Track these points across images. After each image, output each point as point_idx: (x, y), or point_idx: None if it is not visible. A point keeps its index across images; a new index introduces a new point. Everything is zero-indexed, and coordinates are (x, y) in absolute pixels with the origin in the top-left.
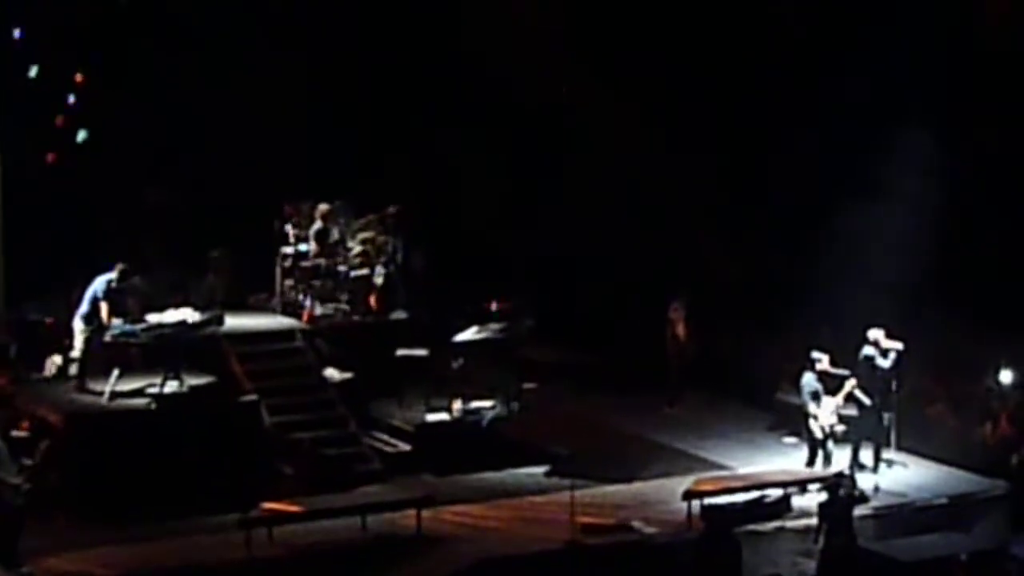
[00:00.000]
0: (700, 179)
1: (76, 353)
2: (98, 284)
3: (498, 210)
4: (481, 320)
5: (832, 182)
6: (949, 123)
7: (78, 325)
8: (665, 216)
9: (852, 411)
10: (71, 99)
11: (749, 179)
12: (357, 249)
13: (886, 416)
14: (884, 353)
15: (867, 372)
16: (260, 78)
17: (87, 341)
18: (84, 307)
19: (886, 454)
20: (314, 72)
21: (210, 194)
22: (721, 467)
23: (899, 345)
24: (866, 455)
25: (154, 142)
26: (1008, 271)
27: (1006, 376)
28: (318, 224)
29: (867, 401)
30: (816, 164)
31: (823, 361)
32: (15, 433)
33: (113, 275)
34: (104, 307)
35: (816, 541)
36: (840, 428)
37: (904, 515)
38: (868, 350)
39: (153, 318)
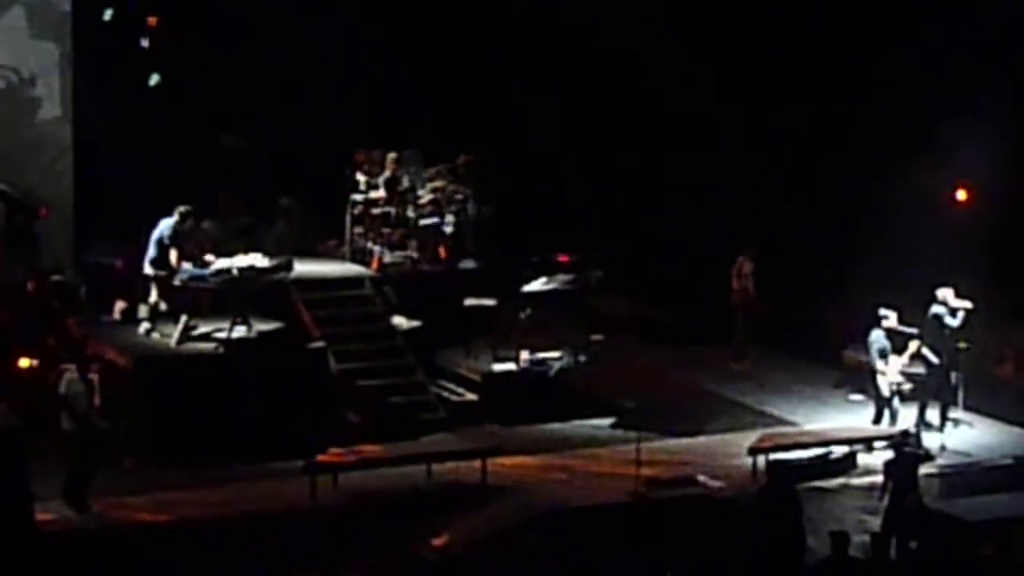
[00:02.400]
0: (773, 136)
1: (151, 298)
2: (164, 227)
3: (570, 161)
4: (550, 271)
5: (906, 143)
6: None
7: (148, 269)
8: (737, 171)
9: (919, 369)
10: (144, 42)
11: (821, 137)
12: (427, 198)
13: (953, 375)
14: (953, 312)
15: (935, 331)
16: (334, 25)
17: (159, 285)
18: (151, 251)
19: (953, 413)
20: (388, 20)
21: (282, 140)
22: (787, 423)
23: (968, 304)
24: (933, 414)
25: (228, 88)
26: None
27: None
28: (388, 172)
29: (935, 360)
30: (890, 125)
31: (891, 318)
32: (92, 376)
33: (175, 218)
34: (173, 251)
35: (881, 499)
36: (907, 386)
37: (970, 475)
38: (937, 308)
39: (222, 263)
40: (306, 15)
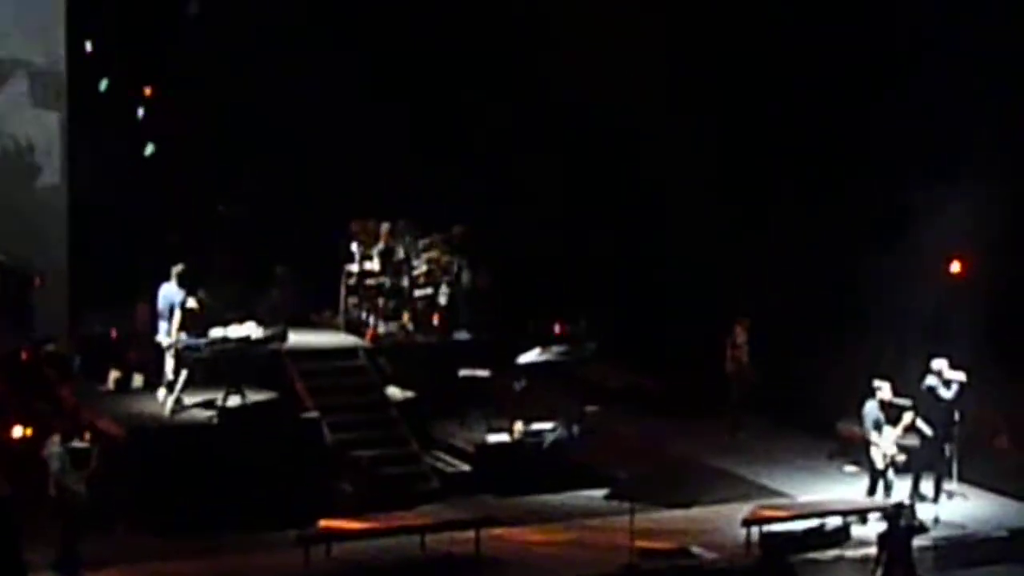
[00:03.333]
0: (768, 207)
1: (169, 368)
2: (174, 294)
3: (564, 232)
4: (544, 342)
5: (900, 213)
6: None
7: (164, 339)
8: (732, 242)
9: (913, 441)
10: (140, 112)
11: (815, 209)
12: (422, 268)
13: (948, 447)
14: (947, 383)
15: (929, 402)
16: (330, 95)
17: (176, 354)
18: (166, 320)
19: (947, 485)
20: (385, 90)
21: (277, 210)
22: (781, 494)
23: (962, 376)
24: (927, 486)
25: (223, 157)
26: None
27: None
28: (383, 242)
29: (929, 431)
30: (884, 196)
31: (885, 390)
32: (77, 444)
33: (174, 280)
34: (177, 316)
35: (875, 571)
36: (901, 458)
37: (964, 547)
38: (931, 380)
39: (217, 332)
40: (302, 85)
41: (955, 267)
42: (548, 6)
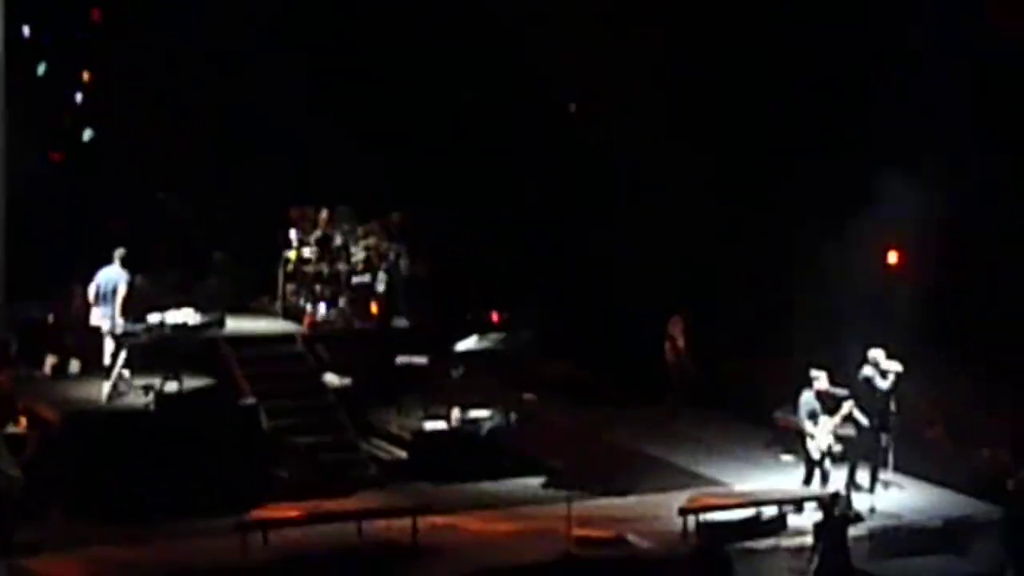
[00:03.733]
0: (703, 197)
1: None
2: (119, 277)
3: (503, 220)
4: (482, 330)
5: (839, 204)
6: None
7: (105, 323)
8: (669, 232)
9: (850, 431)
10: (78, 98)
11: (754, 200)
12: (360, 255)
13: (884, 437)
14: (883, 374)
15: (866, 392)
16: (267, 83)
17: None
18: (110, 304)
19: (883, 475)
20: (323, 78)
21: (216, 197)
22: (717, 483)
23: (898, 366)
24: (863, 475)
25: (162, 144)
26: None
27: None
28: (321, 229)
29: (865, 421)
30: (823, 186)
31: (822, 380)
32: (12, 429)
33: (117, 264)
34: (121, 297)
35: (811, 560)
36: (838, 448)
37: (899, 537)
38: (867, 370)
39: (155, 318)
40: (241, 71)
41: (892, 257)
42: None
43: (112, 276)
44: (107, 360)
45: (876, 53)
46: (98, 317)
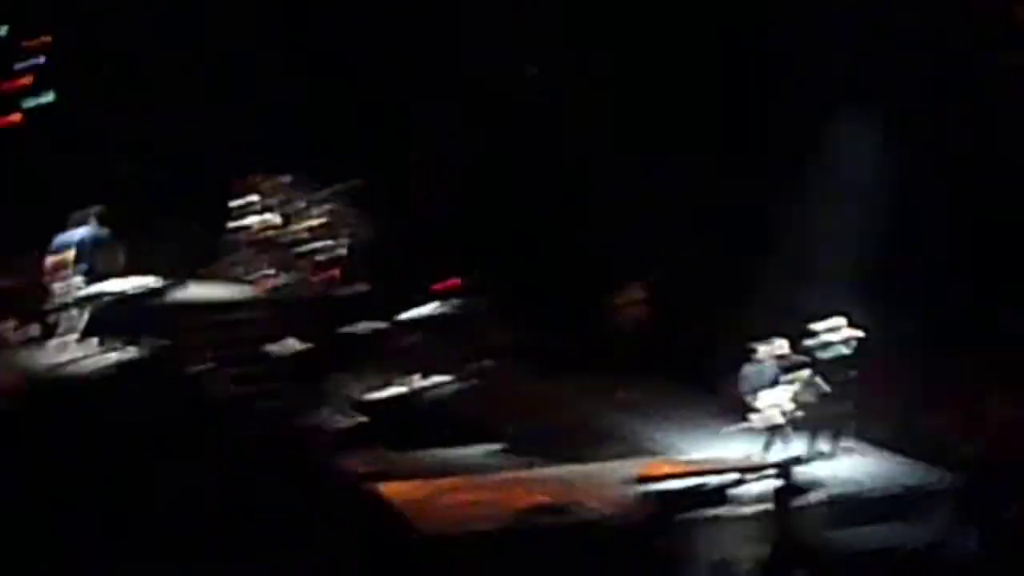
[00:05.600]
0: (664, 162)
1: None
2: (100, 234)
3: (461, 186)
4: (439, 296)
5: (799, 176)
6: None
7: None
8: (629, 197)
9: (810, 398)
10: (39, 61)
11: (717, 170)
12: (318, 221)
13: (844, 404)
14: (844, 341)
15: (826, 359)
16: (230, 44)
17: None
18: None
19: (843, 442)
20: (283, 41)
21: (174, 162)
22: (674, 452)
23: (860, 333)
24: (822, 443)
25: (121, 109)
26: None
27: None
28: (280, 195)
29: (826, 388)
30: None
31: (782, 348)
32: None
33: (94, 224)
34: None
35: (769, 528)
36: (797, 415)
37: (858, 504)
38: (828, 336)
39: (113, 284)
40: (203, 35)
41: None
42: None
43: (92, 235)
44: (69, 325)
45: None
46: (73, 279)
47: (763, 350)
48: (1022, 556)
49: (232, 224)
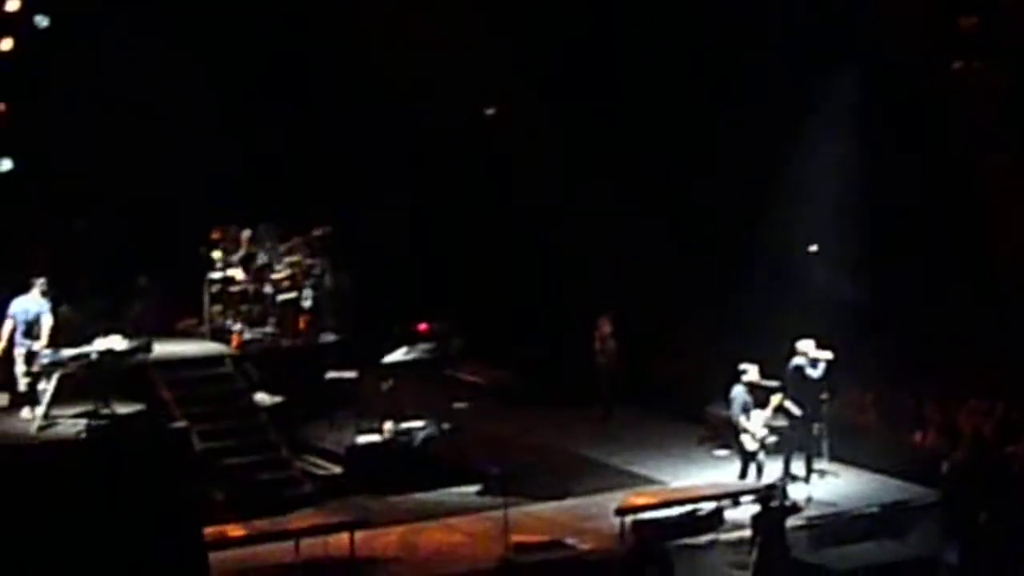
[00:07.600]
0: (632, 196)
1: (24, 383)
2: (41, 307)
3: (426, 229)
4: (410, 341)
5: (761, 197)
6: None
7: (24, 352)
8: (596, 233)
9: (783, 422)
10: None
11: (678, 198)
12: (284, 273)
13: (816, 426)
14: (814, 363)
15: (797, 383)
16: (186, 103)
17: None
18: (26, 335)
19: (818, 464)
20: (241, 97)
21: (136, 221)
22: (653, 482)
23: (829, 355)
24: (798, 466)
25: (80, 171)
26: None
27: None
28: (244, 249)
29: (797, 412)
30: (746, 179)
31: (752, 372)
32: None
33: (37, 291)
34: (46, 328)
35: (750, 553)
36: (771, 440)
37: (837, 525)
38: (798, 360)
39: (81, 347)
40: (157, 94)
41: (813, 248)
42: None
43: (31, 307)
44: (28, 390)
45: None
46: (20, 348)
47: (752, 370)
48: (995, 563)
49: (202, 280)
